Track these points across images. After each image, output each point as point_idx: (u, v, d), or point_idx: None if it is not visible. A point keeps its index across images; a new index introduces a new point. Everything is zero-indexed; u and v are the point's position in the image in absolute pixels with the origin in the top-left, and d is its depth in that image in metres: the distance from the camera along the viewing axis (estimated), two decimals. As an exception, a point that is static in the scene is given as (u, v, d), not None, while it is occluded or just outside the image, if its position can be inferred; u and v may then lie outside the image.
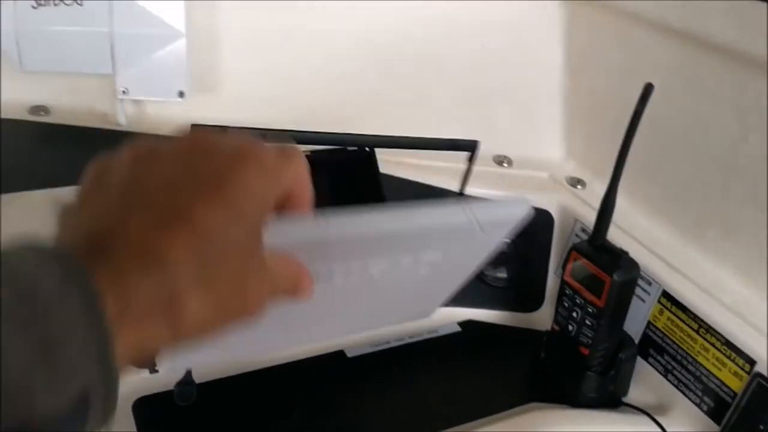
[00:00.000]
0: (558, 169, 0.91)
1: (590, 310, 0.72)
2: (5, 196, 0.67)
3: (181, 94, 0.80)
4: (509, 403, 0.75)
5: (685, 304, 0.73)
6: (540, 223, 0.86)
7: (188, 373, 0.66)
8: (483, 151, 0.89)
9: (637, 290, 0.78)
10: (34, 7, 0.76)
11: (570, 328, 0.75)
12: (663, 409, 0.75)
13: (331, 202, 0.66)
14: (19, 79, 0.81)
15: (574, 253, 0.73)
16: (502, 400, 0.76)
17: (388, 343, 0.82)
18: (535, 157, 0.91)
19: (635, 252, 0.77)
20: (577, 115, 0.91)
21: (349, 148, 0.68)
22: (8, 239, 0.29)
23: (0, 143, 0.77)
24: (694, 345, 0.73)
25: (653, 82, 0.66)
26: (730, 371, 0.69)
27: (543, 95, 0.91)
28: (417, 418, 0.72)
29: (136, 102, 0.83)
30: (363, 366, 0.77)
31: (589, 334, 0.73)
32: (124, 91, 0.79)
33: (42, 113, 0.83)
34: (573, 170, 0.91)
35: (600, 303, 0.71)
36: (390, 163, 0.77)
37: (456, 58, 0.88)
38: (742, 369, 0.68)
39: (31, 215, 0.65)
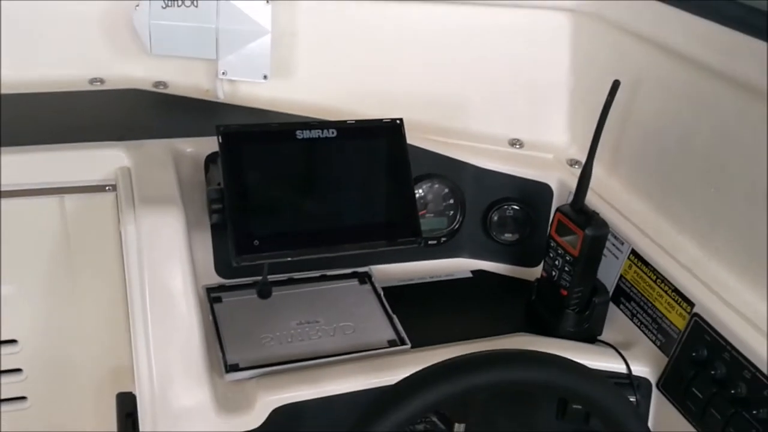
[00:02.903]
0: (562, 151, 1.06)
1: (568, 258, 0.88)
2: (136, 142, 0.90)
3: (265, 77, 1.02)
4: (504, 331, 0.92)
5: (647, 260, 0.89)
6: (542, 194, 1.02)
7: (265, 276, 0.85)
8: (500, 134, 1.08)
9: (613, 249, 0.93)
10: (163, 7, 0.99)
11: (554, 274, 0.91)
12: (629, 345, 0.89)
13: (362, 166, 0.85)
14: (148, 61, 1.05)
15: (558, 213, 0.90)
16: (499, 329, 0.92)
17: (411, 280, 1.00)
18: (543, 141, 1.07)
19: (615, 219, 0.93)
20: (579, 108, 1.06)
21: (384, 120, 0.88)
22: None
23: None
24: (652, 293, 0.88)
25: (635, 86, 0.81)
26: (677, 313, 0.84)
27: (553, 90, 1.07)
28: (433, 333, 0.89)
29: (231, 82, 1.05)
30: (391, 294, 0.95)
31: (567, 279, 0.89)
32: (224, 73, 1.01)
33: (162, 87, 1.06)
34: (575, 153, 1.06)
35: (575, 253, 0.87)
36: (419, 137, 0.96)
37: (484, 58, 1.06)
38: (685, 311, 0.83)
39: (151, 156, 0.88)
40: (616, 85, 0.82)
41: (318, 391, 0.79)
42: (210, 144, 0.88)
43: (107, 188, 0.87)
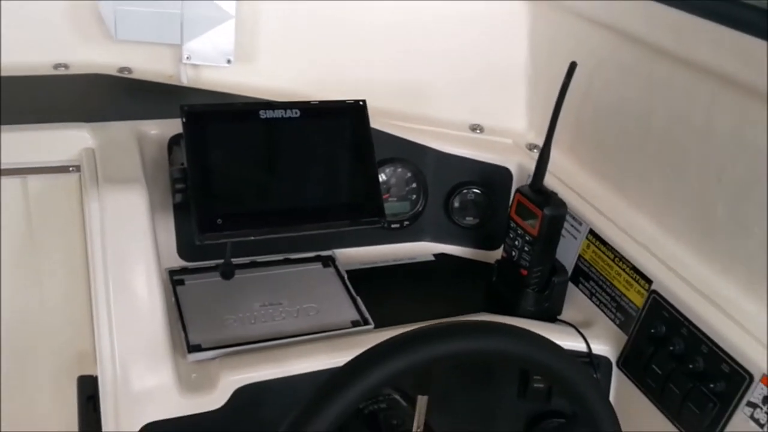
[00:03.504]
0: (520, 137, 1.08)
1: (527, 238, 0.89)
2: (100, 124, 0.88)
3: (228, 62, 1.02)
4: (466, 311, 0.92)
5: (605, 239, 0.90)
6: (502, 178, 1.03)
7: (228, 256, 0.84)
8: (462, 120, 1.09)
9: (571, 230, 0.95)
10: (128, -8, 0.98)
11: (513, 254, 0.92)
12: (588, 324, 0.91)
13: (326, 146, 0.85)
14: (112, 47, 1.04)
15: (517, 194, 0.91)
16: (461, 309, 0.92)
17: (374, 263, 1.01)
18: (503, 126, 1.08)
19: (574, 200, 0.94)
20: (538, 94, 1.08)
21: (348, 101, 0.88)
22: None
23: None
24: (610, 271, 0.89)
25: (592, 71, 0.82)
26: (635, 291, 0.86)
27: (513, 77, 1.09)
28: (396, 314, 0.89)
29: (195, 67, 1.04)
30: (355, 277, 0.95)
31: (527, 258, 0.90)
32: (188, 57, 1.01)
33: (126, 72, 1.05)
34: (533, 138, 1.08)
35: (534, 232, 0.88)
36: (382, 122, 0.97)
37: (445, 45, 1.07)
38: (643, 288, 0.84)
39: (116, 138, 0.87)
40: (572, 66, 0.83)
41: (281, 371, 0.79)
42: (174, 126, 0.87)
43: (71, 169, 0.86)
